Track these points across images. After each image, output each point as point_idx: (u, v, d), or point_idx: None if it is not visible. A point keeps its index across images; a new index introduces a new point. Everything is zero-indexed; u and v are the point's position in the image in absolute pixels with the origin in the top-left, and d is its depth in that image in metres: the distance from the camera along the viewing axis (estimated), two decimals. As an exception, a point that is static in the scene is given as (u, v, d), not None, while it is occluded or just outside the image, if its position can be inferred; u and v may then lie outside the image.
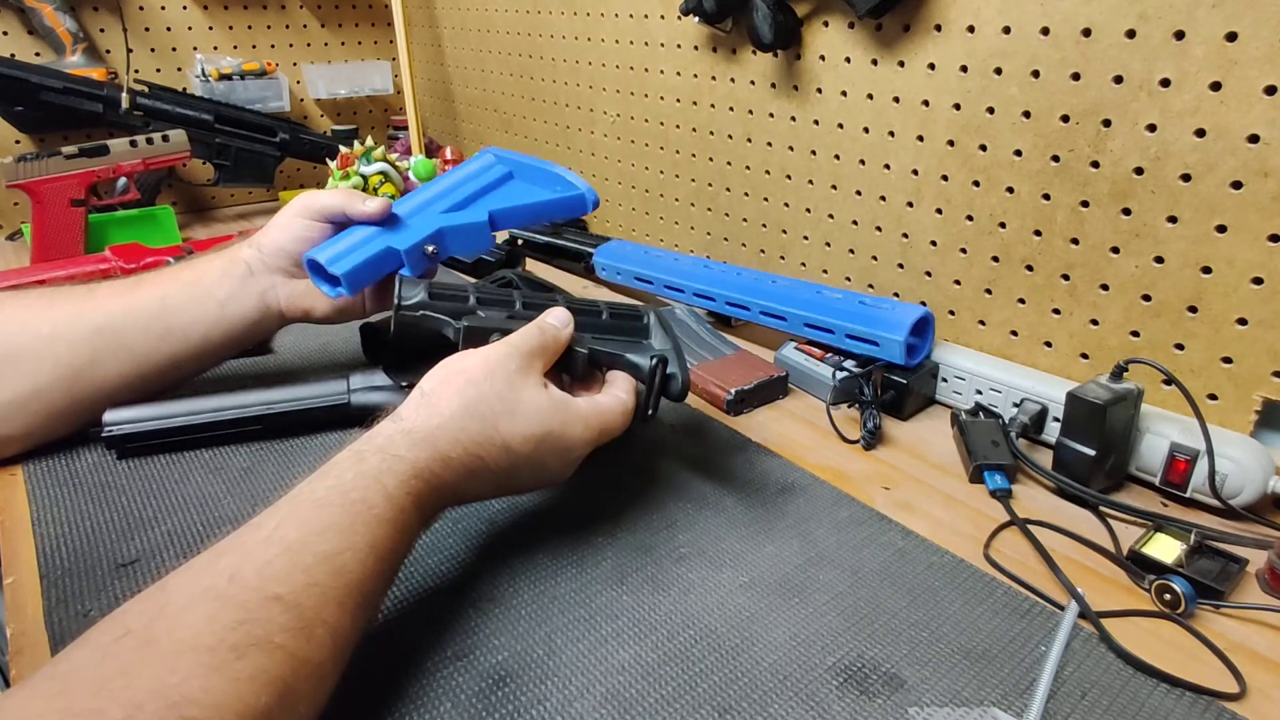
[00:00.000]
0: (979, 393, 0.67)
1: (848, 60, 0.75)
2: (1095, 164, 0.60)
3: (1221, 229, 0.55)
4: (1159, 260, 0.58)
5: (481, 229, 0.67)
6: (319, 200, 0.63)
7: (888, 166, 0.75)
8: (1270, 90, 0.50)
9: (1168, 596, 0.46)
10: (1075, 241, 0.63)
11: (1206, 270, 0.56)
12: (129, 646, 0.31)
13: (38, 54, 1.19)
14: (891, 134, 0.73)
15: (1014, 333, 0.69)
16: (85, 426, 0.59)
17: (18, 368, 0.56)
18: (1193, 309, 0.58)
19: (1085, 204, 0.61)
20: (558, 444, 0.47)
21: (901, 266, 0.77)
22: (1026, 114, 0.63)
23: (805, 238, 0.86)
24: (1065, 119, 0.61)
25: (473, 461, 0.44)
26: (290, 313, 0.64)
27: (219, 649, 0.31)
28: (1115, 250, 0.61)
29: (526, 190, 0.72)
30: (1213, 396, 0.58)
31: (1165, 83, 0.55)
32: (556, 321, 0.51)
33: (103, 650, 0.31)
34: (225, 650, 0.31)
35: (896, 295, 0.78)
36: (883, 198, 0.76)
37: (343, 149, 1.18)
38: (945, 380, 0.69)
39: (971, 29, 0.65)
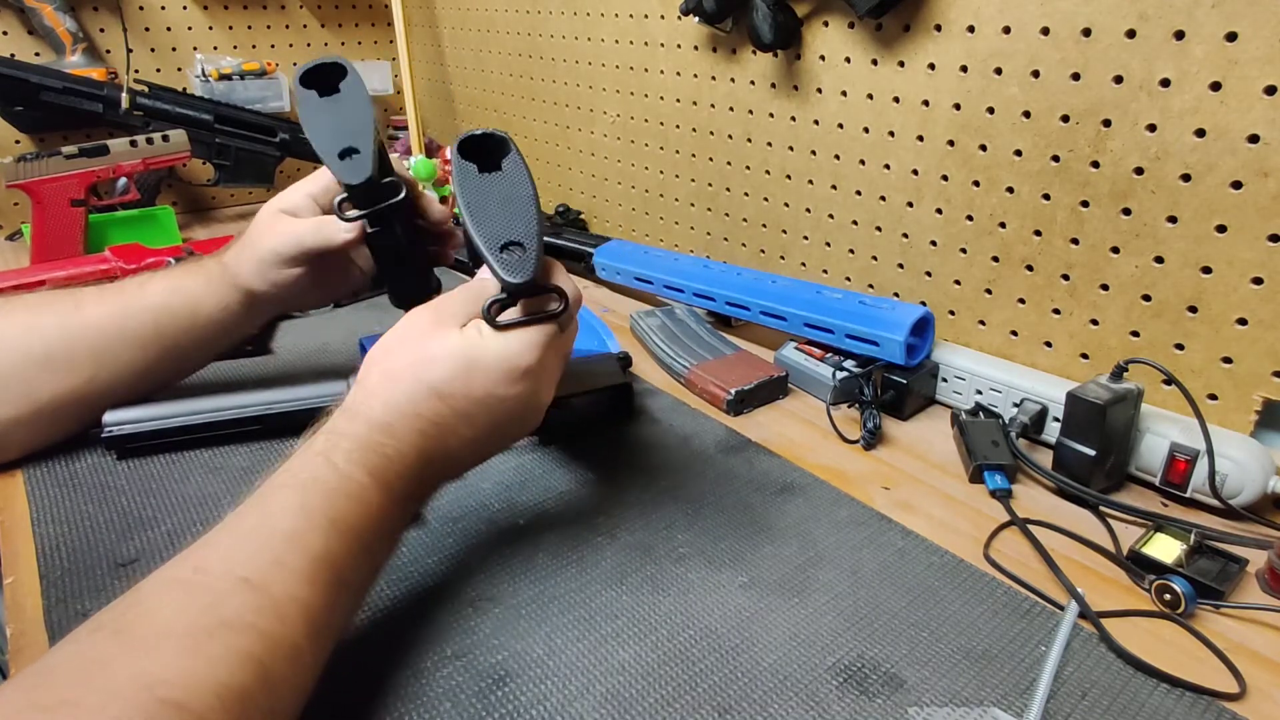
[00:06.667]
0: (979, 393, 0.67)
1: (848, 60, 0.75)
2: (1095, 164, 0.60)
3: (1221, 229, 0.55)
4: (1159, 260, 0.58)
5: None
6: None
7: (888, 166, 0.75)
8: (1270, 90, 0.50)
9: (1168, 596, 0.46)
10: (1075, 241, 0.63)
11: (1206, 270, 0.56)
12: (103, 639, 0.31)
13: (38, 54, 1.18)
14: (891, 134, 0.73)
15: (1014, 333, 0.69)
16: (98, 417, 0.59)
17: (9, 389, 0.55)
18: (1193, 309, 0.58)
19: (1085, 204, 0.61)
20: (494, 372, 0.44)
21: (901, 266, 0.77)
22: (1026, 114, 0.63)
23: (805, 238, 0.86)
24: (1065, 119, 0.61)
25: (418, 422, 0.43)
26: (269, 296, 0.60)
27: (191, 632, 0.31)
28: (1115, 250, 0.61)
29: None
30: (1213, 396, 0.58)
31: (1165, 83, 0.55)
32: (483, 274, 0.48)
33: (78, 644, 0.31)
34: (198, 633, 0.32)
35: (896, 295, 0.78)
36: (883, 198, 0.76)
37: (343, 149, 1.18)
38: (945, 380, 0.69)
39: (971, 29, 0.65)
